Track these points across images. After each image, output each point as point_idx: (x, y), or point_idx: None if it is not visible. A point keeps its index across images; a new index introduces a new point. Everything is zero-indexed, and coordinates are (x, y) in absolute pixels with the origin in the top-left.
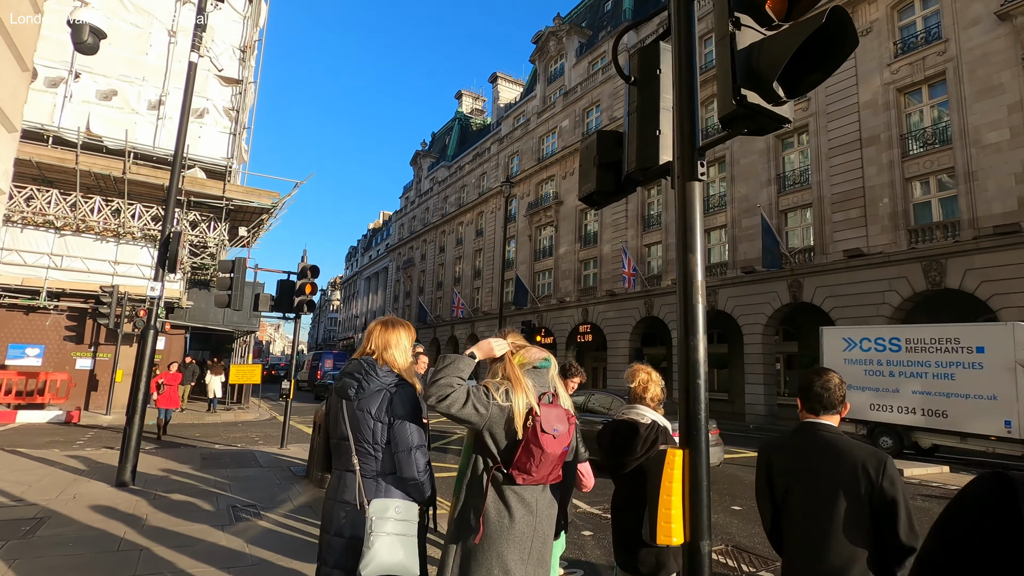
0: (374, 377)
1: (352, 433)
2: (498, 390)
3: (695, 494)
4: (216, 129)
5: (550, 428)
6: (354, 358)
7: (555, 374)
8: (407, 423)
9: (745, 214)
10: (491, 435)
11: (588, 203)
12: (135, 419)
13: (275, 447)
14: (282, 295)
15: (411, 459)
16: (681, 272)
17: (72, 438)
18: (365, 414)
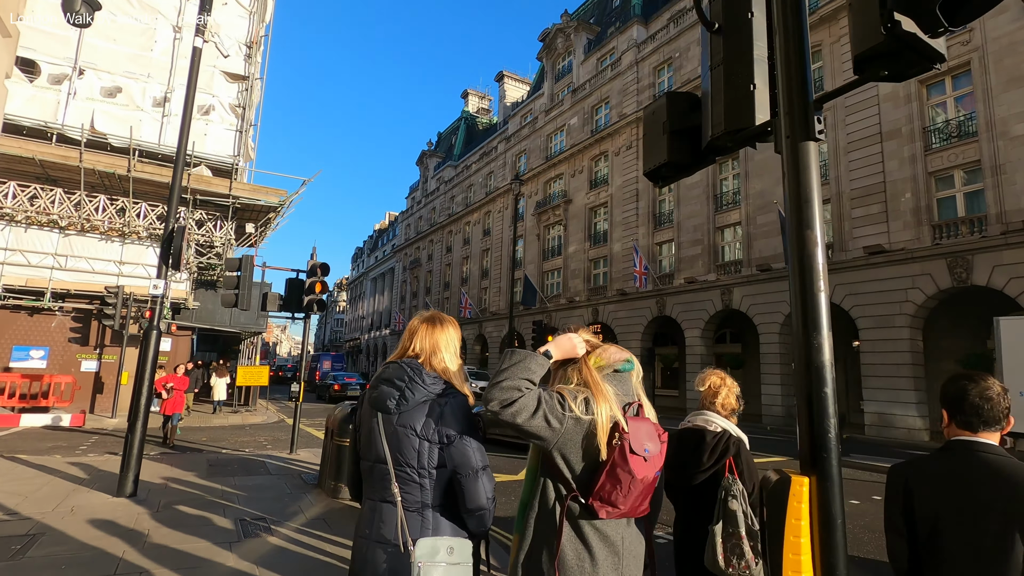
0: (420, 386)
1: (391, 454)
2: (575, 399)
3: (827, 532)
4: (222, 126)
5: (640, 448)
6: (392, 361)
7: (639, 380)
8: (467, 439)
9: (760, 211)
10: (563, 456)
11: (654, 179)
12: (137, 425)
13: (284, 452)
14: (291, 294)
15: (477, 484)
16: (795, 253)
17: (75, 443)
18: (408, 431)
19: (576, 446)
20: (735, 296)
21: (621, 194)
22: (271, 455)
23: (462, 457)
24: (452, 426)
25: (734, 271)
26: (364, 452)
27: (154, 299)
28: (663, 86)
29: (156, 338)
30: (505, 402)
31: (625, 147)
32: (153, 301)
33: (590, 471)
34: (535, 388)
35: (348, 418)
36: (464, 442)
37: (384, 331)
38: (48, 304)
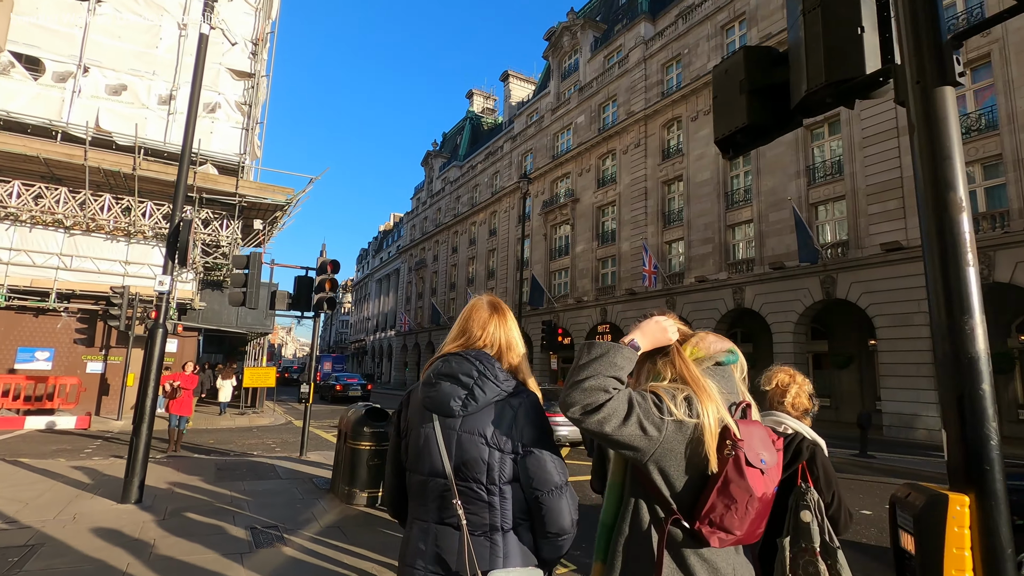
0: (492, 382)
1: (454, 467)
2: (674, 398)
3: (991, 561)
4: (228, 124)
5: (756, 459)
6: (451, 353)
7: (743, 375)
8: (545, 451)
9: (772, 208)
10: (660, 470)
11: (727, 147)
12: (142, 428)
13: (294, 455)
14: (300, 292)
15: (560, 503)
16: (933, 221)
17: (80, 446)
18: (476, 438)
19: (677, 457)
20: (747, 295)
21: (629, 192)
22: (280, 458)
23: (540, 470)
24: (528, 432)
25: (746, 270)
26: (414, 464)
27: (160, 296)
28: (671, 83)
29: (162, 337)
30: (589, 406)
31: (633, 145)
32: (159, 299)
33: (694, 488)
34: (623, 388)
35: (363, 420)
36: (542, 452)
37: (389, 332)
38: (53, 305)
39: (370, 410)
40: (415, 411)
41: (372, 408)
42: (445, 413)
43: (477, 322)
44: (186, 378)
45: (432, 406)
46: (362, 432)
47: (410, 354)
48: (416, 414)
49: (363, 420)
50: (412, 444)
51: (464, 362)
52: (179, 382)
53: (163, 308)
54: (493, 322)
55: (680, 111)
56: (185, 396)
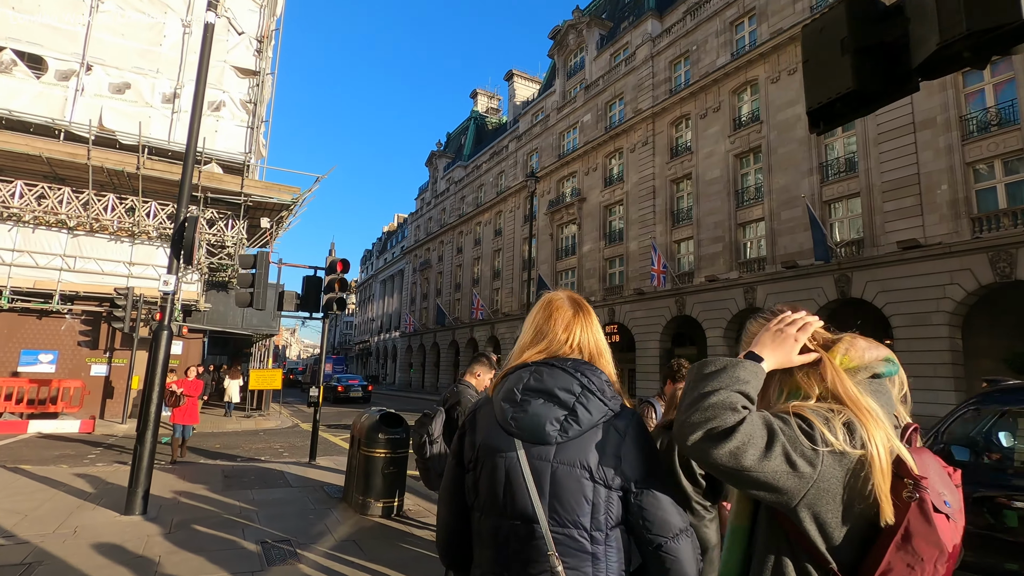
0: (597, 399)
1: (549, 509)
2: (828, 423)
3: None
4: (233, 123)
5: (939, 501)
6: (539, 361)
7: (900, 392)
8: (662, 487)
9: (784, 206)
10: (815, 517)
11: (820, 119)
12: (147, 435)
13: (303, 460)
14: (308, 293)
15: (684, 552)
16: None
17: (84, 451)
18: (578, 471)
19: (835, 500)
20: (759, 294)
21: (637, 191)
22: (289, 463)
23: (659, 510)
24: (640, 463)
25: (758, 268)
26: (488, 504)
27: (164, 297)
28: (680, 80)
29: (167, 339)
30: (716, 430)
31: (641, 143)
32: (163, 299)
33: (858, 540)
34: (755, 410)
35: (377, 427)
36: (658, 488)
37: (394, 333)
38: (57, 307)
39: (384, 415)
40: (489, 435)
41: (387, 413)
42: (537, 439)
43: (560, 323)
44: (190, 384)
45: (523, 430)
46: (376, 439)
47: (415, 355)
48: (491, 440)
49: (377, 426)
50: (486, 479)
51: (561, 374)
52: (183, 389)
53: (168, 309)
54: (579, 323)
55: (689, 108)
56: (190, 404)
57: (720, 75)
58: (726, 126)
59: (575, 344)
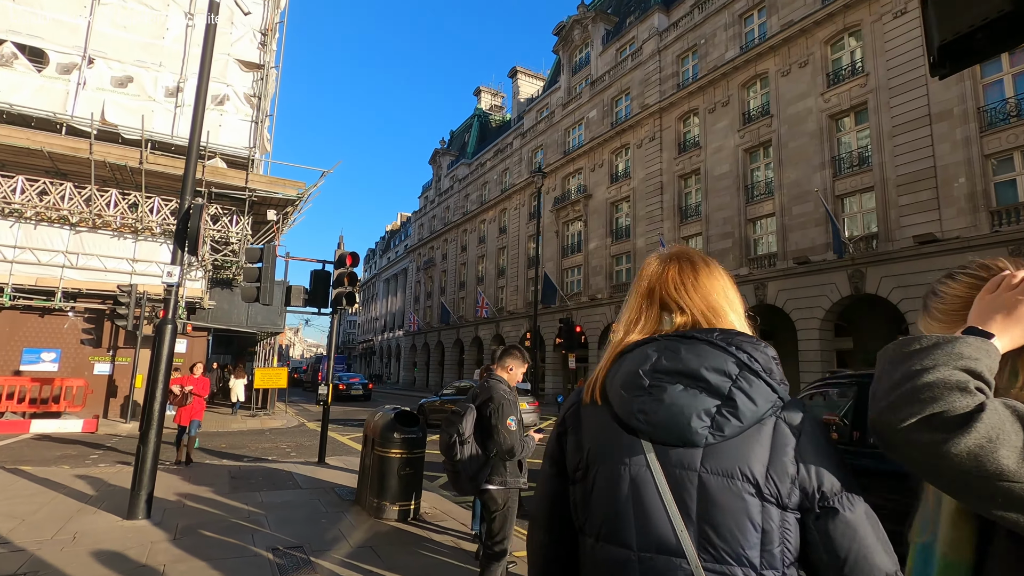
0: (763, 383)
1: (698, 537)
2: None
3: None
4: (237, 117)
5: None
6: (675, 334)
7: None
8: (858, 509)
9: (795, 201)
10: None
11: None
12: (150, 435)
13: (311, 460)
14: (316, 288)
15: None
16: None
17: (86, 451)
18: (739, 485)
19: None
20: (770, 291)
21: (644, 187)
22: (297, 464)
23: (854, 543)
24: (825, 473)
25: (768, 265)
26: (607, 527)
27: (169, 289)
28: (687, 75)
29: (171, 334)
30: (944, 416)
31: (648, 139)
32: (167, 292)
33: None
34: (978, 392)
35: (392, 426)
36: (854, 509)
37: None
38: (59, 304)
39: (400, 414)
40: (603, 434)
41: (402, 412)
42: (676, 440)
43: (689, 282)
44: (197, 382)
45: (649, 427)
46: (392, 439)
47: (419, 354)
48: (606, 440)
49: (392, 425)
50: (602, 494)
51: (708, 350)
52: (190, 387)
53: (172, 302)
54: (715, 281)
55: (697, 103)
56: (197, 403)
57: (729, 69)
58: (735, 120)
59: (700, 308)
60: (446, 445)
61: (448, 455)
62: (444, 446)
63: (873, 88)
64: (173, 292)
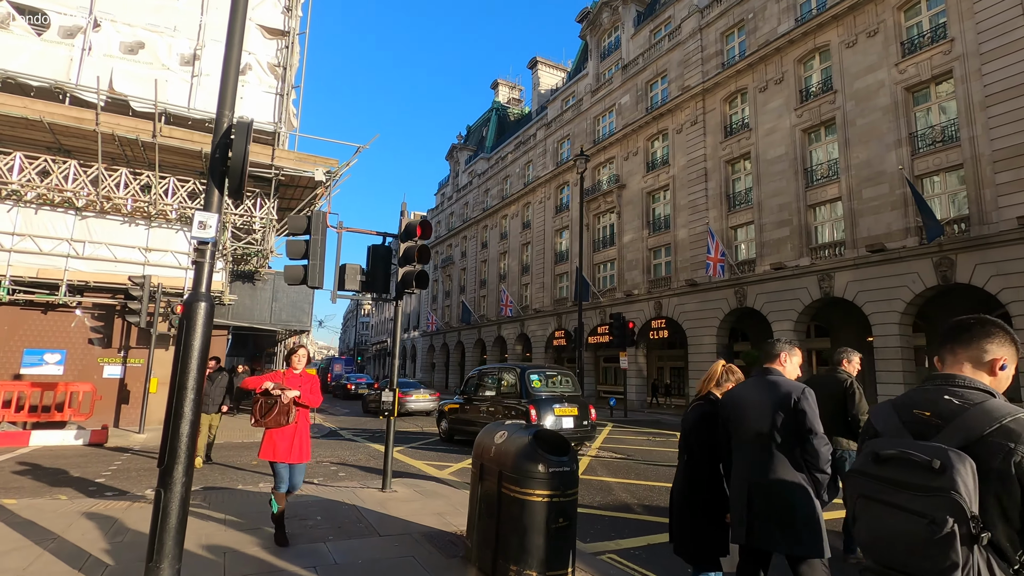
0: None
1: None
2: None
3: None
4: (260, 88)
5: None
6: None
7: None
8: None
9: (866, 183)
10: None
11: None
12: (176, 473)
13: (369, 483)
14: (376, 267)
15: None
16: None
17: (94, 470)
18: None
19: None
20: (838, 282)
21: (686, 175)
22: (354, 489)
23: None
24: None
25: (834, 254)
26: None
27: (202, 248)
28: (733, 53)
29: (206, 317)
30: None
31: (689, 122)
32: (200, 253)
33: None
34: None
35: (532, 453)
36: None
37: (414, 333)
38: (63, 299)
39: (542, 436)
40: None
41: (544, 433)
42: None
43: None
44: (303, 381)
45: None
46: (534, 474)
47: (437, 355)
48: None
49: (533, 453)
50: None
51: None
52: (295, 391)
53: (206, 269)
54: None
55: (746, 82)
56: (302, 422)
57: (783, 43)
58: (791, 98)
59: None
60: (927, 543)
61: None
62: (919, 545)
63: (959, 55)
64: (208, 253)
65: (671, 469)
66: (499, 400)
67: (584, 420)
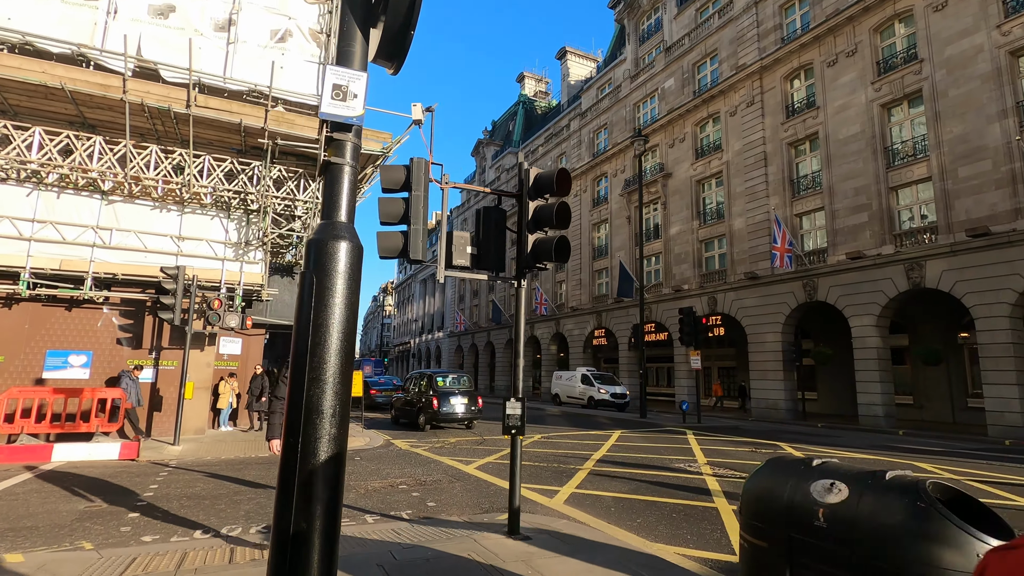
0: None
1: None
2: None
3: None
4: (302, 57)
5: None
6: None
7: None
8: None
9: (963, 160)
10: None
11: None
12: (311, 546)
13: (476, 518)
14: (488, 237)
15: None
16: None
17: (123, 499)
18: None
19: None
20: (929, 271)
21: (741, 160)
22: (471, 535)
23: None
24: None
25: (924, 240)
26: None
27: (340, 134)
28: (794, 26)
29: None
30: None
31: (744, 103)
32: (338, 144)
33: None
34: None
35: (934, 529)
36: None
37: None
38: (89, 293)
39: (963, 500)
40: None
41: (944, 487)
42: None
43: None
44: None
45: None
46: (944, 564)
47: (467, 356)
48: None
49: (938, 526)
50: None
51: None
52: None
53: (346, 174)
54: None
55: (811, 56)
56: None
57: (857, 11)
58: (867, 71)
59: None
60: None
61: None
62: None
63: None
64: (349, 150)
65: None
66: (420, 394)
67: (472, 406)
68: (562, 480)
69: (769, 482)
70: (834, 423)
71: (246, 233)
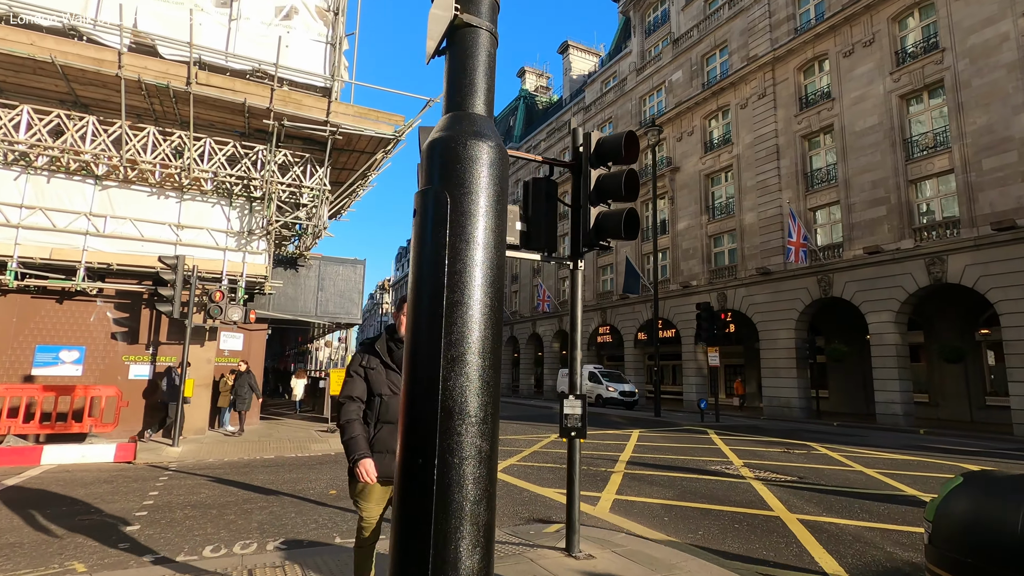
0: None
1: None
2: None
3: None
4: (308, 36)
5: None
6: None
7: None
8: None
9: (987, 151)
10: None
11: None
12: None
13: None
14: (539, 211)
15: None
16: None
17: (123, 505)
18: None
19: None
20: (951, 266)
21: (752, 153)
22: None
23: None
24: None
25: (946, 234)
26: None
27: None
28: (808, 16)
29: (494, 166)
30: None
31: (756, 96)
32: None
33: None
34: None
35: None
36: None
37: None
38: (81, 285)
39: None
40: None
41: None
42: None
43: None
44: None
45: None
46: None
47: None
48: None
49: None
50: None
51: None
52: None
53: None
54: None
55: (826, 47)
56: None
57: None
58: (885, 62)
59: None
60: None
61: None
62: None
63: None
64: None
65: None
66: None
67: None
68: (598, 485)
69: (984, 505)
70: (848, 422)
71: (249, 222)
